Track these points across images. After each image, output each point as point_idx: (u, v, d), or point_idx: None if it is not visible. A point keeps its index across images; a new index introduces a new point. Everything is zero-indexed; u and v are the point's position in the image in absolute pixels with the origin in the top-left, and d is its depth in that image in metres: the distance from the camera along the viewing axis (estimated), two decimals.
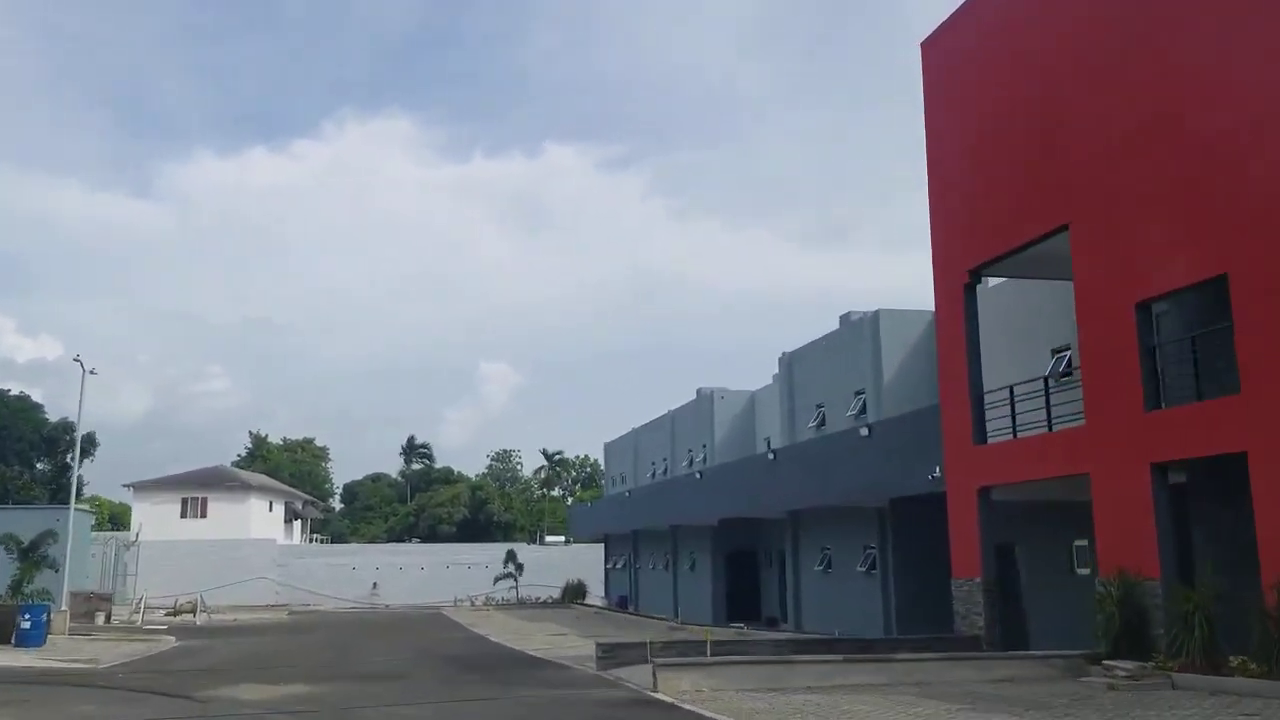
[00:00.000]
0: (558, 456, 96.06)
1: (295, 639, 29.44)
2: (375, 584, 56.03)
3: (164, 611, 41.11)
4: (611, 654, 17.60)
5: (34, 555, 30.78)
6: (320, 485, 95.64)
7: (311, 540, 73.11)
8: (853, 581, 26.80)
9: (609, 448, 54.97)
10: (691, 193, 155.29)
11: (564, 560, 58.05)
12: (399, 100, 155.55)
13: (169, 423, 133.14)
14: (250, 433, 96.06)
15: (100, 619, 37.48)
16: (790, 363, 32.15)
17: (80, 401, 32.59)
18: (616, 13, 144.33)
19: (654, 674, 14.33)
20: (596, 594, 52.36)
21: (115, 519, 71.66)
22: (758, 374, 39.39)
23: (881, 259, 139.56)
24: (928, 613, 24.25)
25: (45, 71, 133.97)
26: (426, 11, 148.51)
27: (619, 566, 50.02)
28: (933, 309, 27.74)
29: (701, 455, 39.58)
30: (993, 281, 22.28)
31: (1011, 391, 19.17)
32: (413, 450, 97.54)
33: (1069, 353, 20.67)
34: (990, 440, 19.52)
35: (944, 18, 21.51)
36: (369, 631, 32.63)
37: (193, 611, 39.37)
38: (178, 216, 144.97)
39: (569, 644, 26.66)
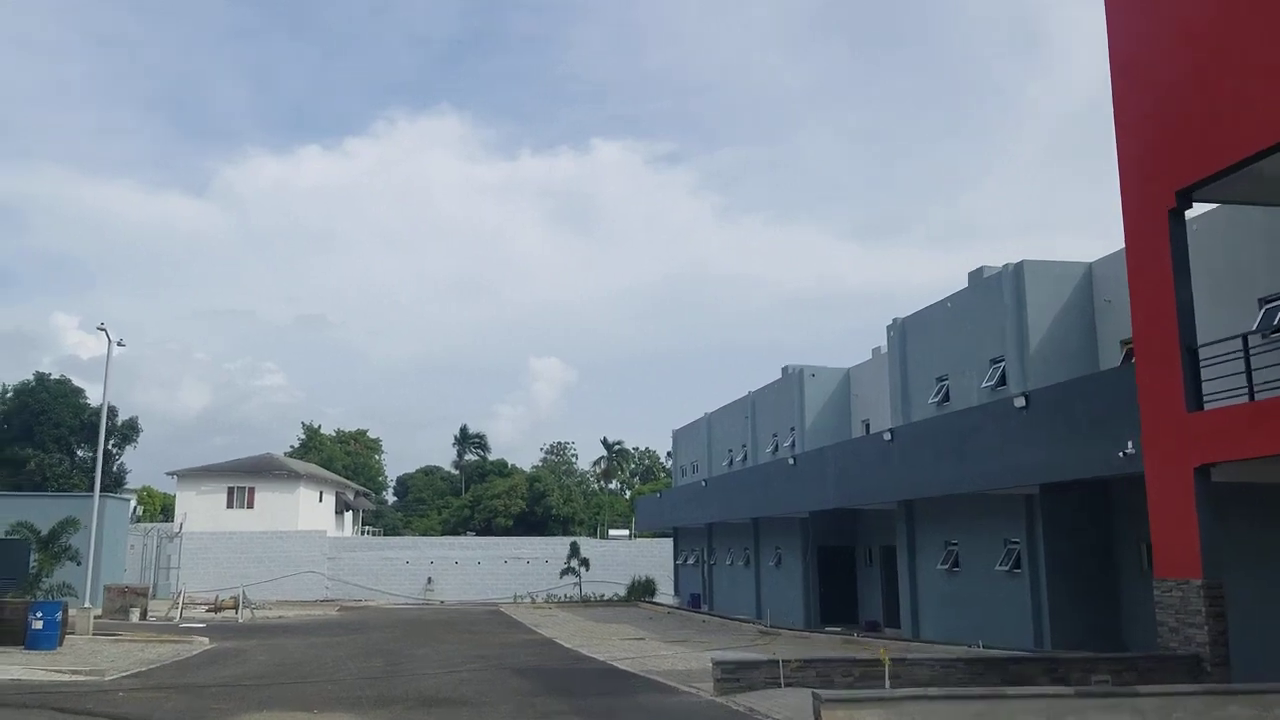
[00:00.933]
0: (618, 447, 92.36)
1: (341, 642, 25.96)
2: (430, 579, 53.15)
3: (205, 607, 38.33)
4: (735, 675, 13.63)
5: (54, 546, 27.82)
6: (374, 478, 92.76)
7: (363, 532, 70.12)
8: (990, 583, 22.65)
9: (677, 435, 51.20)
10: (738, 190, 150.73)
11: (629, 555, 54.80)
12: (448, 98, 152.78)
13: (228, 418, 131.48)
14: (303, 424, 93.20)
15: (135, 615, 34.90)
16: (904, 331, 27.85)
17: (106, 374, 29.56)
18: (661, 10, 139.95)
19: (817, 712, 10.32)
20: (665, 592, 48.94)
21: (168, 510, 69.39)
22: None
23: (932, 255, 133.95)
24: (1089, 620, 20.56)
25: (99, 75, 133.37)
26: (471, 10, 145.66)
27: (690, 562, 46.28)
28: (1084, 261, 23.72)
29: (789, 440, 35.50)
30: None
31: (1245, 341, 14.84)
32: (466, 440, 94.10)
33: None
34: (1207, 406, 15.25)
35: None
36: (424, 633, 29.09)
37: (235, 608, 36.48)
38: (233, 215, 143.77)
39: (653, 651, 23.12)
